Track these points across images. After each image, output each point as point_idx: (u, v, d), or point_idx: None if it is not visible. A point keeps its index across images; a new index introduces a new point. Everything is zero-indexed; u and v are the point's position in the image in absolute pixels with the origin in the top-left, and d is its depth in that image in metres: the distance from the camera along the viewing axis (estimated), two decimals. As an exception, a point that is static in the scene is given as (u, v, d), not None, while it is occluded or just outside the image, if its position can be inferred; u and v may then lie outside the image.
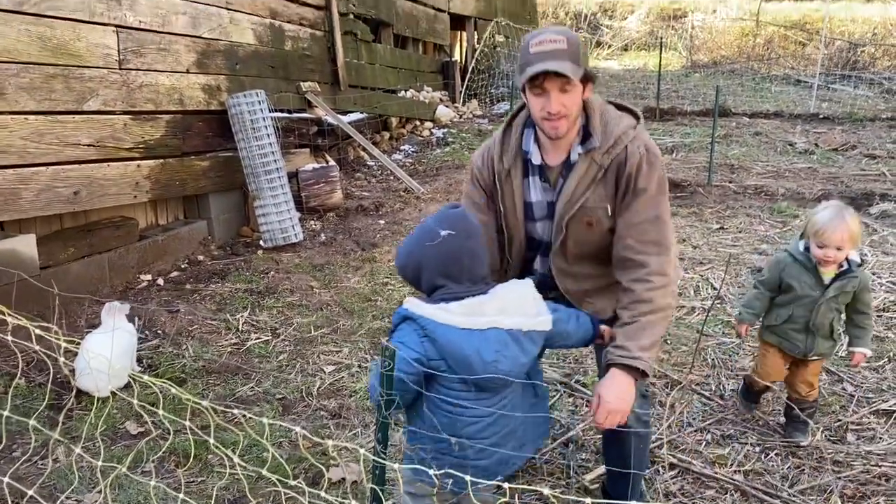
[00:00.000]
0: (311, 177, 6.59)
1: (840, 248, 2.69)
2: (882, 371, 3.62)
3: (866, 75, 14.09)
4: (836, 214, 2.70)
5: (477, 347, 1.77)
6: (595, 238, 2.18)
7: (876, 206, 6.44)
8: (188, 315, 4.43)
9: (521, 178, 2.23)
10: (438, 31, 11.08)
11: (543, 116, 2.05)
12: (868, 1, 20.09)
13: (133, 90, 4.99)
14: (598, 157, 2.09)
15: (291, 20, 6.96)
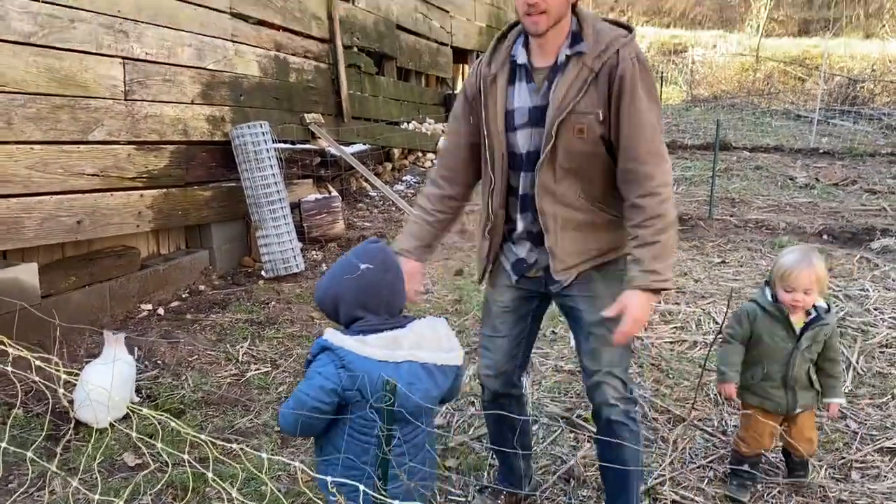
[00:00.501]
0: (313, 207, 6.62)
1: (807, 291, 2.61)
2: (886, 408, 3.60)
3: (865, 111, 14.20)
4: (802, 257, 2.63)
5: (388, 375, 1.77)
6: (585, 148, 2.14)
7: (877, 241, 6.45)
8: (188, 345, 4.42)
9: (505, 83, 2.23)
10: (441, 64, 11.19)
11: (525, 10, 2.08)
12: (866, 37, 20.33)
13: (138, 120, 5.03)
14: (589, 62, 2.10)
15: (296, 52, 7.04)
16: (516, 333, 2.50)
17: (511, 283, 2.42)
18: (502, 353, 2.52)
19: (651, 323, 4.67)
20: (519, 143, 2.23)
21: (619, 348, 2.31)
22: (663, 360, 4.13)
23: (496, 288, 2.48)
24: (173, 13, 5.30)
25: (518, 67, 2.22)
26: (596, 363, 2.34)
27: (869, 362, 4.04)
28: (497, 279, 2.48)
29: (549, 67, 2.17)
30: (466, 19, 11.99)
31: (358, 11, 8.37)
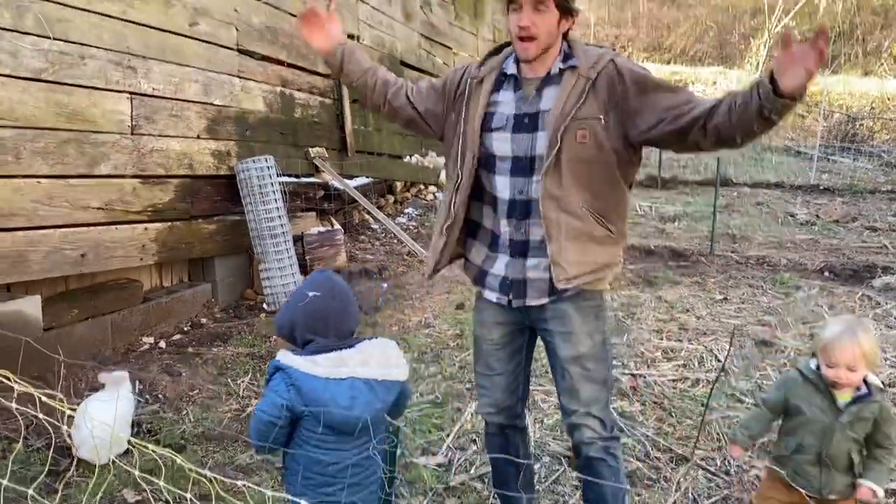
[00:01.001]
0: (316, 240, 6.65)
1: (852, 368, 2.33)
2: (889, 449, 3.57)
3: (865, 148, 14.30)
4: (845, 330, 2.37)
5: (334, 394, 1.96)
6: (588, 155, 2.16)
7: (878, 279, 6.46)
8: (189, 379, 4.41)
9: (490, 88, 2.30)
10: (444, 99, 11.30)
11: (516, 34, 2.16)
12: (865, 75, 20.53)
13: (144, 155, 5.09)
14: (584, 71, 2.17)
15: (302, 88, 7.13)
16: (512, 368, 2.50)
17: (499, 320, 2.42)
18: (501, 390, 2.51)
19: (653, 360, 4.66)
20: (494, 146, 2.27)
21: (597, 385, 2.33)
22: (666, 397, 4.12)
23: (484, 325, 2.47)
24: (181, 49, 5.39)
25: (507, 77, 2.30)
26: (574, 402, 2.34)
27: (872, 402, 4.02)
28: (483, 315, 2.47)
29: (541, 78, 2.24)
30: (469, 55, 12.14)
31: (363, 48, 8.48)
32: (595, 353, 2.32)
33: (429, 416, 3.88)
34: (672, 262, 7.23)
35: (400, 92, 2.49)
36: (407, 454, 3.45)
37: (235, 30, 6.02)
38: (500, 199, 2.30)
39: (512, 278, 2.33)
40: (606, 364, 2.38)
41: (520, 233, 2.29)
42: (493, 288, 2.39)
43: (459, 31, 11.75)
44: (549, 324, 2.33)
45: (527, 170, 2.23)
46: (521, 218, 2.27)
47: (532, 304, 2.32)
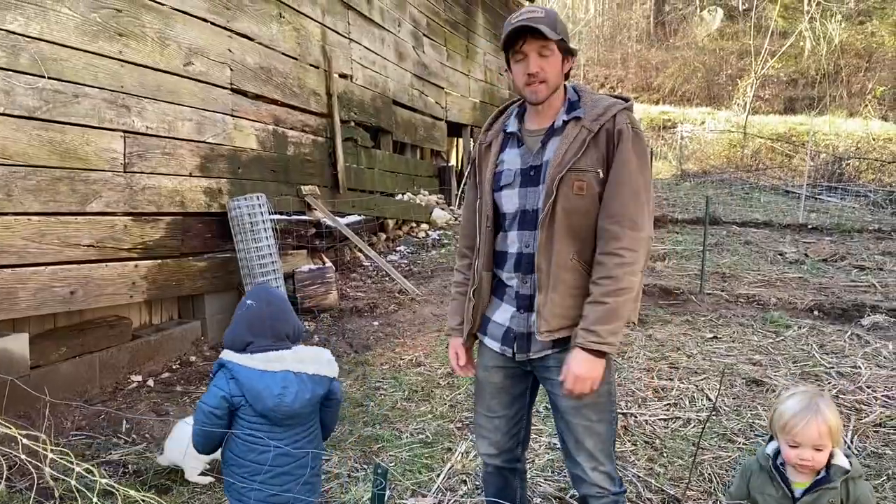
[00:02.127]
0: (307, 277, 6.64)
1: (818, 448, 2.08)
2: (882, 490, 3.55)
3: (852, 187, 14.48)
4: (807, 404, 2.11)
5: (268, 384, 2.26)
6: (583, 206, 2.16)
7: (867, 317, 6.48)
8: (177, 418, 4.36)
9: (497, 150, 2.34)
10: (436, 137, 11.42)
11: (525, 82, 2.20)
12: (850, 116, 20.87)
13: (136, 192, 5.10)
14: (587, 123, 2.19)
15: (294, 127, 7.19)
16: (514, 412, 2.48)
17: (501, 364, 2.41)
18: (502, 434, 2.49)
19: (644, 399, 4.64)
20: (503, 203, 2.30)
21: (601, 436, 2.30)
22: (657, 437, 4.09)
23: (486, 368, 2.46)
24: (175, 89, 5.44)
25: (509, 136, 2.34)
26: (580, 453, 2.32)
27: (863, 442, 4.01)
28: (484, 358, 2.46)
29: (545, 130, 2.27)
30: (461, 95, 12.31)
31: (355, 87, 8.59)
32: (599, 403, 2.29)
33: (418, 456, 3.84)
34: (662, 300, 7.24)
35: (472, 237, 2.46)
36: (395, 496, 3.41)
37: (229, 69, 6.09)
38: (510, 253, 2.32)
39: (516, 331, 2.32)
40: (611, 414, 2.34)
41: (526, 287, 2.29)
42: (494, 337, 2.39)
43: (451, 72, 11.92)
44: (551, 373, 2.31)
45: (532, 223, 2.25)
46: (526, 272, 2.28)
47: (536, 357, 2.31)
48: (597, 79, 27.10)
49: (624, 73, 27.44)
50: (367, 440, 4.12)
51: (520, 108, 2.38)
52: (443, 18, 11.62)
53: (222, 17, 6.01)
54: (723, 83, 25.03)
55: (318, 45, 7.66)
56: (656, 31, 30.80)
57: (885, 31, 24.28)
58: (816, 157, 16.39)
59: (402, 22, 10.07)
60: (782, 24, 24.50)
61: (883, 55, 23.52)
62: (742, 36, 26.25)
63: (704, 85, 25.51)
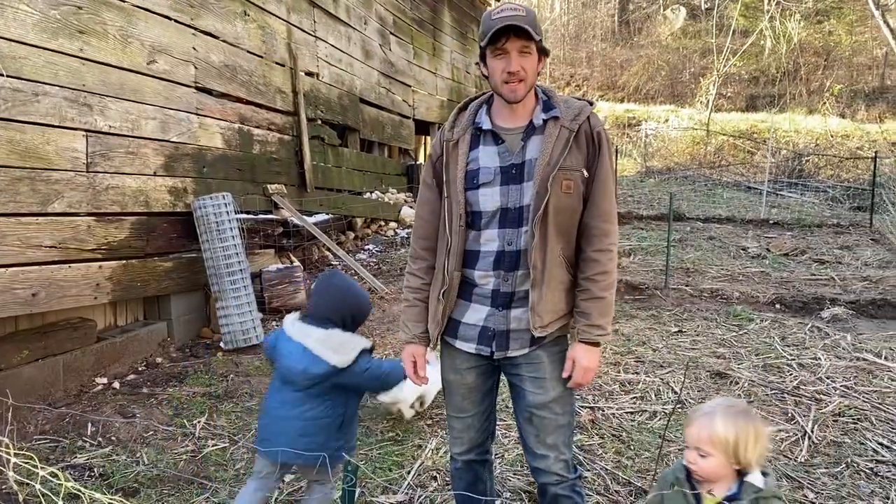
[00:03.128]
0: (274, 277, 6.60)
1: (702, 452, 2.00)
2: (841, 477, 3.65)
3: (812, 183, 14.79)
4: (710, 410, 2.04)
5: (286, 346, 2.69)
6: (570, 204, 2.23)
7: (827, 310, 6.65)
8: (144, 420, 4.32)
9: (467, 148, 2.32)
10: (403, 135, 11.42)
11: (504, 79, 2.20)
12: (809, 113, 21.31)
13: (99, 192, 5.03)
14: (567, 123, 2.24)
15: (260, 125, 7.14)
16: (484, 408, 2.51)
17: (474, 365, 2.41)
18: (475, 430, 2.52)
19: (611, 393, 4.71)
20: (481, 201, 2.28)
21: (563, 428, 2.36)
22: (624, 430, 4.15)
23: (457, 371, 2.45)
24: (138, 87, 5.37)
25: (483, 133, 2.31)
26: (541, 446, 2.37)
27: (823, 431, 4.12)
28: (455, 361, 2.45)
29: (523, 129, 2.28)
30: (428, 93, 12.32)
31: (322, 85, 8.55)
32: (563, 397, 2.36)
33: (389, 454, 3.85)
34: (628, 296, 7.34)
35: (435, 247, 2.45)
36: (366, 494, 3.42)
37: (194, 67, 6.02)
38: (484, 251, 2.30)
39: (494, 329, 2.33)
40: (572, 406, 2.42)
41: (507, 284, 2.29)
42: (468, 338, 2.38)
43: (418, 70, 11.92)
44: (521, 369, 2.35)
45: (516, 221, 2.26)
46: (509, 269, 2.28)
47: (514, 354, 2.33)
48: (563, 77, 27.29)
49: (589, 71, 27.67)
50: (337, 439, 4.11)
51: (487, 105, 2.36)
52: (409, 16, 11.61)
53: (186, 14, 5.95)
54: (686, 81, 25.38)
55: (283, 42, 7.62)
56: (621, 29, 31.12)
57: (841, 31, 24.84)
58: (777, 153, 16.70)
59: (369, 20, 10.05)
60: (743, 22, 24.92)
61: (840, 54, 24.07)
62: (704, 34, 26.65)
63: (668, 83, 25.84)
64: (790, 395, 4.59)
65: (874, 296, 7.07)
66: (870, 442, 3.97)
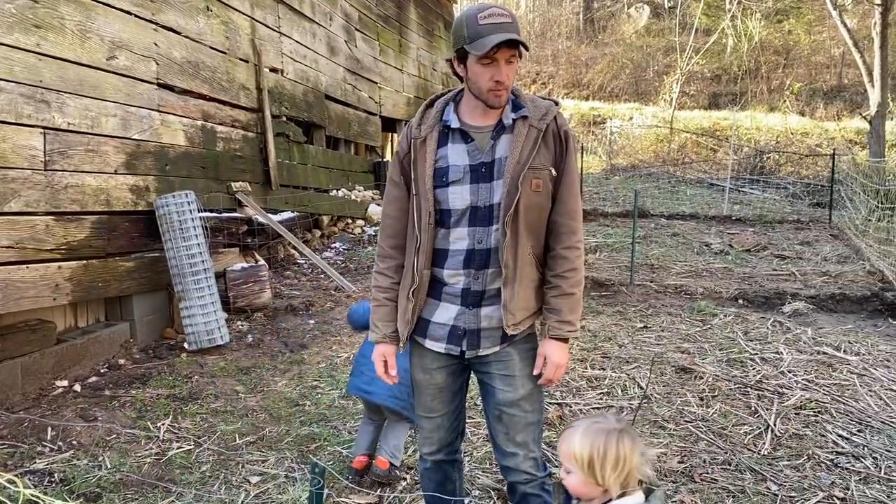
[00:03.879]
0: (239, 276, 6.52)
1: (567, 469, 1.90)
2: (803, 469, 3.72)
3: (773, 180, 15.05)
4: (576, 425, 1.95)
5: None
6: (540, 202, 2.25)
7: (788, 305, 6.77)
8: (106, 424, 4.23)
9: (435, 145, 2.30)
10: (370, 132, 11.36)
11: (491, 87, 2.19)
12: (770, 111, 21.68)
13: (58, 191, 4.91)
14: (535, 123, 2.25)
15: (224, 122, 7.04)
16: (454, 408, 2.50)
17: (443, 364, 2.40)
18: (445, 430, 2.50)
19: (579, 389, 4.74)
20: (450, 199, 2.27)
21: (532, 426, 2.37)
22: (591, 426, 4.18)
23: (426, 370, 2.43)
24: (98, 84, 5.26)
25: (451, 131, 2.30)
26: (510, 444, 2.37)
27: (785, 424, 4.19)
28: (424, 360, 2.43)
29: (493, 127, 2.27)
30: (395, 90, 12.27)
31: (287, 82, 8.47)
32: (533, 394, 2.37)
33: (357, 453, 3.83)
34: (594, 292, 7.39)
35: (404, 245, 2.43)
36: (334, 495, 3.40)
37: (155, 63, 5.92)
38: (454, 249, 2.29)
39: (465, 328, 2.31)
40: (541, 404, 2.43)
41: (478, 283, 2.28)
42: (437, 338, 2.36)
43: (384, 66, 11.87)
44: (491, 367, 2.34)
45: (486, 219, 2.25)
46: (479, 268, 2.27)
47: (485, 353, 2.33)
48: (528, 75, 27.40)
49: (555, 69, 27.82)
50: (305, 439, 4.08)
51: (454, 102, 2.35)
52: (375, 13, 11.55)
53: (147, 9, 5.84)
54: (650, 79, 25.65)
55: (247, 38, 7.52)
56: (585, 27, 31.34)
57: (800, 30, 25.32)
58: (739, 150, 16.98)
59: (334, 16, 9.97)
60: (706, 21, 25.24)
61: (799, 53, 24.52)
62: (668, 33, 26.94)
63: (632, 81, 26.09)
64: (753, 389, 4.66)
65: (833, 290, 7.23)
66: (830, 434, 4.05)
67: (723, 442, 3.96)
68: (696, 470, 3.65)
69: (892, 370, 5.05)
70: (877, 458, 3.78)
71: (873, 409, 4.38)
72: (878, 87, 13.70)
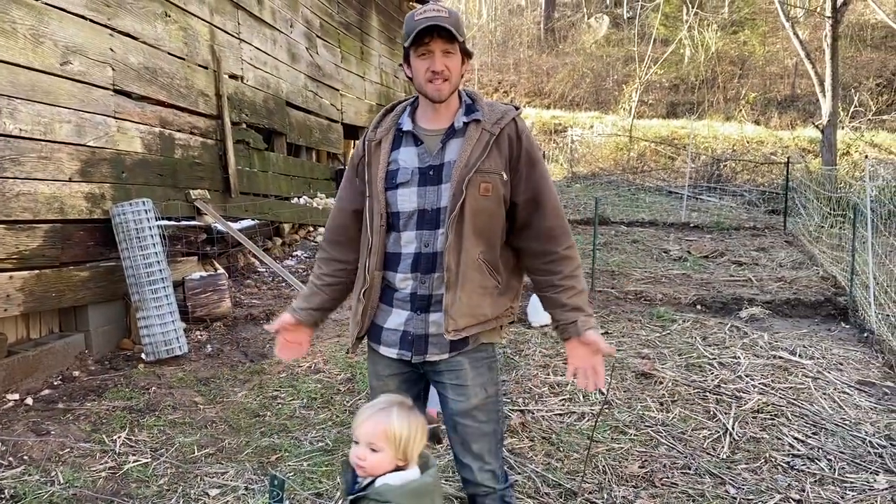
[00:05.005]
0: (198, 285, 6.42)
1: (376, 448, 1.94)
2: (760, 472, 3.78)
3: (729, 187, 15.35)
4: (383, 407, 2.01)
5: None
6: (489, 207, 2.22)
7: (745, 310, 6.90)
8: (59, 438, 4.12)
9: (389, 147, 2.31)
10: (332, 140, 11.31)
11: (428, 78, 2.20)
12: (726, 120, 22.11)
13: (9, 199, 4.79)
14: (488, 126, 2.24)
15: (182, 129, 6.94)
16: None
17: (396, 371, 2.38)
18: None
19: (541, 395, 4.76)
20: (399, 202, 2.26)
21: (487, 436, 2.34)
22: (553, 432, 4.20)
23: (380, 377, 2.42)
24: (51, 89, 5.14)
25: (404, 134, 2.31)
26: (467, 455, 2.35)
27: (743, 427, 4.26)
28: (378, 367, 2.42)
29: (444, 131, 2.27)
30: (356, 97, 12.24)
31: (247, 88, 8.38)
32: (487, 404, 2.34)
33: (319, 464, 3.79)
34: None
35: (341, 243, 2.46)
36: (296, 505, 3.35)
37: (111, 69, 5.81)
38: (405, 253, 2.28)
39: (413, 334, 2.30)
40: (497, 414, 2.40)
41: (424, 287, 2.27)
42: (390, 343, 2.34)
43: (346, 74, 11.84)
44: (443, 376, 2.32)
45: (433, 222, 2.24)
46: (425, 272, 2.26)
47: (432, 359, 2.30)
48: (490, 83, 27.55)
49: (516, 77, 28.03)
50: (265, 450, 4.02)
51: (411, 106, 2.36)
52: (336, 20, 11.52)
53: (103, 14, 5.73)
54: (610, 88, 25.97)
55: (206, 44, 7.43)
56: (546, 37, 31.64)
57: (755, 41, 25.89)
58: (697, 159, 17.28)
59: (295, 23, 9.91)
60: (664, 32, 25.69)
61: (754, 63, 25.07)
62: (627, 43, 27.34)
63: (593, 90, 26.39)
64: (712, 394, 4.73)
65: (788, 296, 7.38)
66: (786, 437, 4.13)
67: (682, 446, 4.01)
68: (657, 474, 3.68)
69: (845, 373, 5.18)
70: (831, 459, 3.87)
71: (827, 411, 4.47)
72: (829, 97, 14.08)
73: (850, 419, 4.37)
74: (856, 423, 4.32)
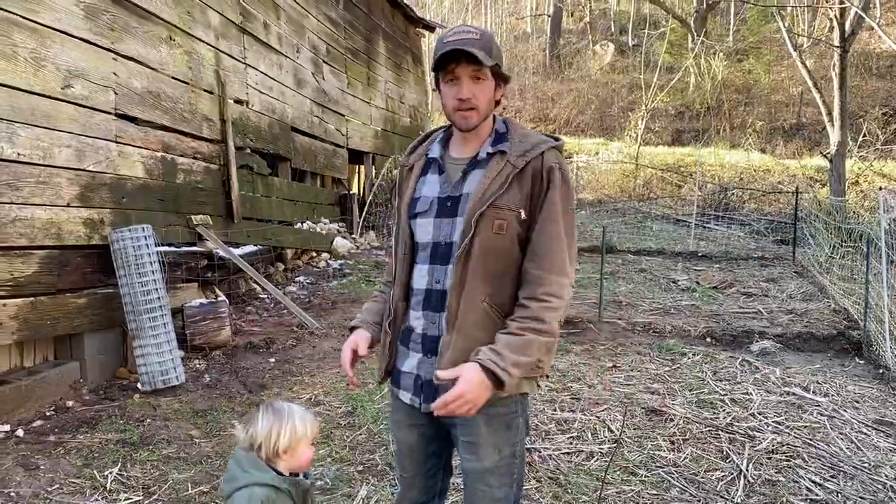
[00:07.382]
0: (197, 313, 6.30)
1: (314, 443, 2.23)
2: (777, 518, 3.62)
3: (737, 216, 15.23)
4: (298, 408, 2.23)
5: None
6: (502, 246, 2.01)
7: (756, 343, 6.74)
8: (49, 473, 3.98)
9: (418, 174, 2.21)
10: (336, 165, 11.25)
11: (455, 106, 2.06)
12: (732, 148, 22.07)
13: (5, 224, 4.69)
14: (513, 159, 2.04)
15: (185, 154, 6.87)
16: (427, 469, 2.31)
17: (413, 422, 2.22)
18: (418, 490, 2.32)
19: (548, 433, 4.60)
20: (418, 232, 2.14)
21: (502, 502, 2.13)
22: (561, 472, 4.04)
23: (399, 426, 2.28)
24: (52, 113, 5.07)
25: (431, 161, 2.20)
26: None
27: (758, 469, 4.09)
28: (397, 415, 2.28)
29: (468, 160, 2.12)
30: (362, 123, 12.20)
31: (251, 113, 8.33)
32: (501, 467, 2.11)
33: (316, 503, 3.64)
34: (563, 329, 7.27)
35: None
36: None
37: (114, 93, 5.74)
38: (416, 289, 2.14)
39: (424, 379, 2.13)
40: (512, 478, 2.16)
41: (434, 327, 2.10)
42: (406, 388, 2.19)
43: (352, 99, 11.82)
44: (456, 430, 2.14)
45: (445, 257, 2.08)
46: (435, 311, 2.10)
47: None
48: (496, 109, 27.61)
49: (522, 103, 28.09)
50: (261, 489, 3.86)
51: (445, 133, 2.25)
52: (343, 46, 11.51)
53: (106, 38, 5.68)
54: (615, 115, 26.00)
55: (211, 69, 7.38)
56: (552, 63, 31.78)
57: (760, 70, 25.94)
58: (703, 186, 17.19)
59: (301, 48, 9.89)
60: (669, 59, 25.75)
61: (759, 91, 25.09)
62: (632, 70, 27.42)
63: (598, 116, 26.43)
64: (724, 432, 4.57)
65: (800, 329, 7.22)
66: (803, 480, 3.96)
67: (695, 489, 3.85)
68: (670, 521, 3.53)
69: (861, 412, 5.01)
70: (851, 506, 3.70)
71: (845, 452, 4.31)
72: (837, 127, 13.99)
73: (868, 461, 4.21)
74: (875, 465, 4.16)
